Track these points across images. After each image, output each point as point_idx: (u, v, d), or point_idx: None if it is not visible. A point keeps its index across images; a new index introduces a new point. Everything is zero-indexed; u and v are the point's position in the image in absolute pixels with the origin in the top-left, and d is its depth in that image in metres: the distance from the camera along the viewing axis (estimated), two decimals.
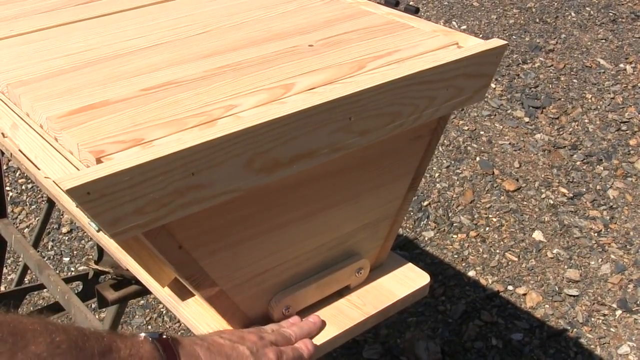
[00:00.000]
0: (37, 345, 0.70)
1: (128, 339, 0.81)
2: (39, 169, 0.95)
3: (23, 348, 0.69)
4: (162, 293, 1.11)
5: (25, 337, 0.70)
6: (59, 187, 0.71)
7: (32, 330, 0.71)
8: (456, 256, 2.60)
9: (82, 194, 0.72)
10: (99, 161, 0.80)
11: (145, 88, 0.98)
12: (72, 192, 0.71)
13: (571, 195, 2.90)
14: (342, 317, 1.11)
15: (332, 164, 0.97)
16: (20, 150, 0.99)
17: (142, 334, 0.84)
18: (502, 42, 1.04)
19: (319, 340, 1.06)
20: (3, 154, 1.55)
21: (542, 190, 2.93)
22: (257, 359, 0.93)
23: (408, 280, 1.18)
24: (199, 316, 1.07)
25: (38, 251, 2.23)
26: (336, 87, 0.96)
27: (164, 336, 0.85)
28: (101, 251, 1.63)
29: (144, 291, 1.44)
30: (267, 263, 1.02)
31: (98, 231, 0.79)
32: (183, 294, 1.09)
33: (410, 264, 1.22)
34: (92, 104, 0.93)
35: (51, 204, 1.99)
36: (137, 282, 1.38)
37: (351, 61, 1.06)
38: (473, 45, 1.06)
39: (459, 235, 2.71)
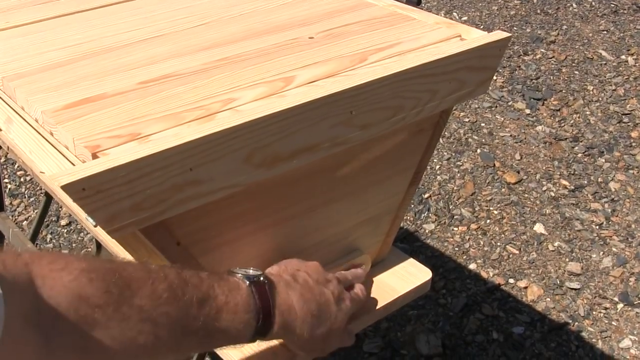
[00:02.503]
0: (141, 298, 0.70)
1: (225, 283, 0.81)
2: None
3: (128, 299, 0.69)
4: None
5: (131, 286, 0.70)
6: (54, 183, 0.70)
7: (136, 279, 0.71)
8: (457, 249, 2.59)
9: (77, 190, 0.71)
10: (94, 156, 0.79)
11: (143, 81, 0.96)
12: (67, 188, 0.70)
13: (572, 187, 2.89)
14: None
15: (333, 159, 0.96)
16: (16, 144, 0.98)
17: (239, 274, 0.84)
18: (505, 35, 1.02)
19: None
20: (0, 147, 1.53)
21: (544, 183, 2.92)
22: (338, 305, 0.94)
23: (410, 276, 1.17)
24: None
25: (36, 244, 2.22)
26: (337, 80, 0.95)
27: (261, 278, 0.85)
28: (99, 245, 1.62)
29: None
30: (266, 259, 1.00)
31: (95, 226, 0.78)
32: None
33: (411, 260, 1.21)
34: (88, 97, 0.92)
35: (49, 197, 1.97)
36: None
37: (352, 54, 1.04)
38: (476, 37, 1.05)
39: (460, 227, 2.70)
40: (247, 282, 0.83)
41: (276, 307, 0.85)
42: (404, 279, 1.17)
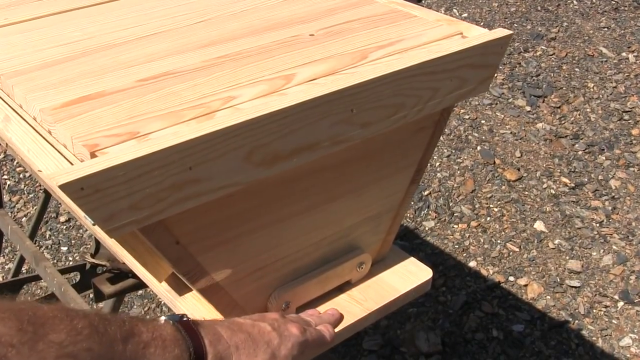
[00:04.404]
0: (58, 332, 0.68)
1: (149, 322, 0.80)
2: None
3: (44, 337, 0.66)
4: (159, 287, 1.09)
5: (45, 325, 0.68)
6: (53, 182, 0.69)
7: (52, 317, 0.68)
8: (457, 246, 2.59)
9: (75, 189, 0.70)
10: (93, 155, 0.78)
11: (142, 79, 0.95)
12: (65, 188, 0.69)
13: (573, 185, 2.88)
14: (343, 313, 1.09)
15: (333, 157, 0.95)
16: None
17: (163, 318, 0.83)
18: (507, 32, 1.02)
19: None
20: None
21: (544, 180, 2.91)
22: (280, 333, 0.92)
23: (410, 275, 1.16)
24: (196, 311, 1.05)
25: (36, 240, 2.21)
26: (338, 78, 0.94)
27: (184, 318, 0.84)
28: (98, 243, 1.61)
29: (141, 284, 1.42)
30: (266, 258, 1.00)
31: (94, 225, 0.77)
32: (180, 288, 1.07)
33: (412, 258, 1.20)
34: (87, 95, 0.91)
35: (48, 193, 1.96)
36: (134, 275, 1.36)
37: (353, 51, 1.03)
38: (477, 35, 1.04)
39: (460, 225, 2.69)
40: (172, 321, 0.82)
41: (204, 337, 0.83)
42: (404, 278, 1.16)
